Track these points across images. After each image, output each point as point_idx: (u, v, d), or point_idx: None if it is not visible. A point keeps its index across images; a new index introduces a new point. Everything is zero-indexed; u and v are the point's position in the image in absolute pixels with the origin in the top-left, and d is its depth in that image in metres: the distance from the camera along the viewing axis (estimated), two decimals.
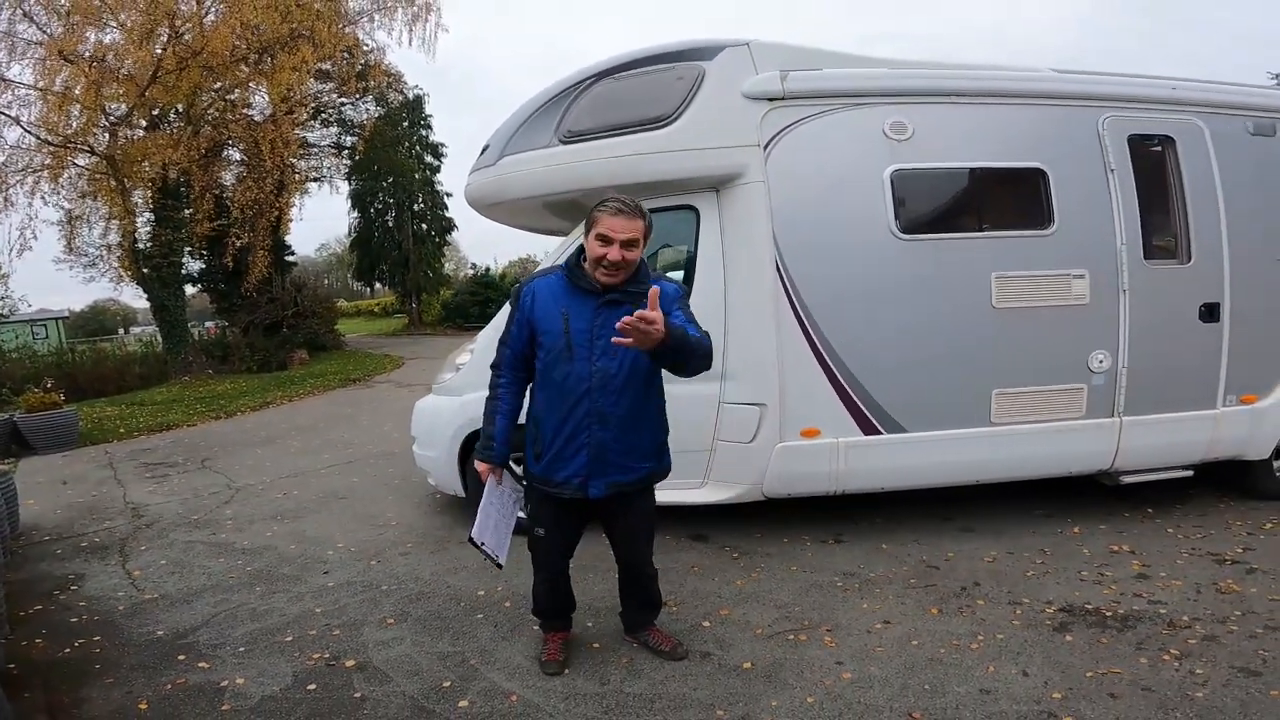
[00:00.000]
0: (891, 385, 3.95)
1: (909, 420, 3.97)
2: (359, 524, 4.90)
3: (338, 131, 20.93)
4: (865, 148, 3.89)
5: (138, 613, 3.62)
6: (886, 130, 3.89)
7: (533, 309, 2.51)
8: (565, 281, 2.50)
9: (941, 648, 2.91)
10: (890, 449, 3.99)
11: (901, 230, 3.89)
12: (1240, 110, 4.24)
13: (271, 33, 14.20)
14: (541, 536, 2.75)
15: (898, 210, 3.88)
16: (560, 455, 2.54)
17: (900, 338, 3.93)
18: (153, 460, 7.57)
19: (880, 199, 3.87)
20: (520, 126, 4.30)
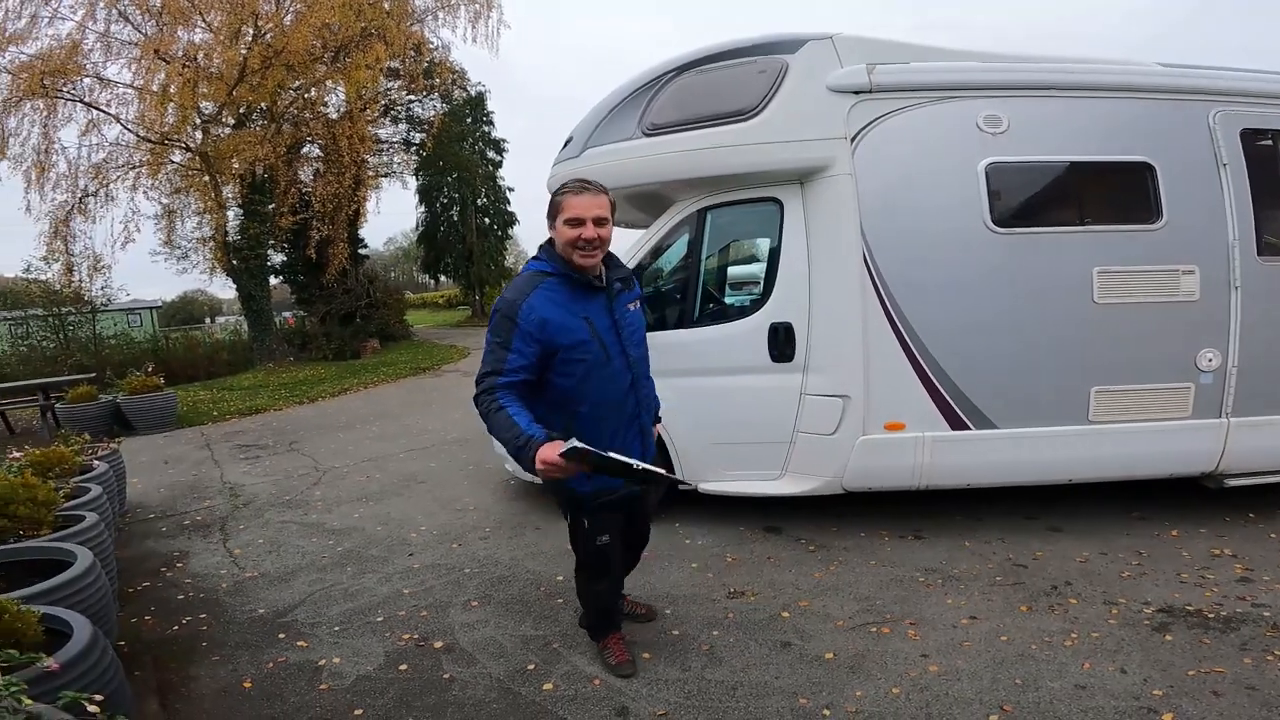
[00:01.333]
0: (982, 380, 3.80)
1: (1000, 416, 3.81)
2: (439, 507, 5.02)
3: (406, 128, 21.48)
4: (957, 141, 3.79)
5: (240, 591, 3.77)
6: (980, 123, 3.78)
7: (543, 327, 2.22)
8: (562, 284, 2.30)
9: (1033, 644, 2.81)
10: (978, 445, 3.83)
11: (996, 223, 3.75)
12: None
13: (345, 31, 14.63)
14: (607, 544, 2.58)
15: (992, 203, 3.75)
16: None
17: (993, 332, 3.77)
18: (245, 442, 7.94)
19: (974, 192, 3.75)
20: (604, 119, 4.32)
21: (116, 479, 4.96)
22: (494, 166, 29.86)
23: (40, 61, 13.15)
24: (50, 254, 14.34)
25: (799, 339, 3.93)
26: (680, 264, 4.37)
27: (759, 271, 4.33)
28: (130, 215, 15.05)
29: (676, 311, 4.31)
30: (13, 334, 14.50)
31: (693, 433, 4.17)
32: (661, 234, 4.24)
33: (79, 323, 14.65)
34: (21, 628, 2.01)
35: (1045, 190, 3.99)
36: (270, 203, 15.76)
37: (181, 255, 17.37)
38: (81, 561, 2.73)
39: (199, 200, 15.73)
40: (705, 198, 4.14)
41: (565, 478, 2.11)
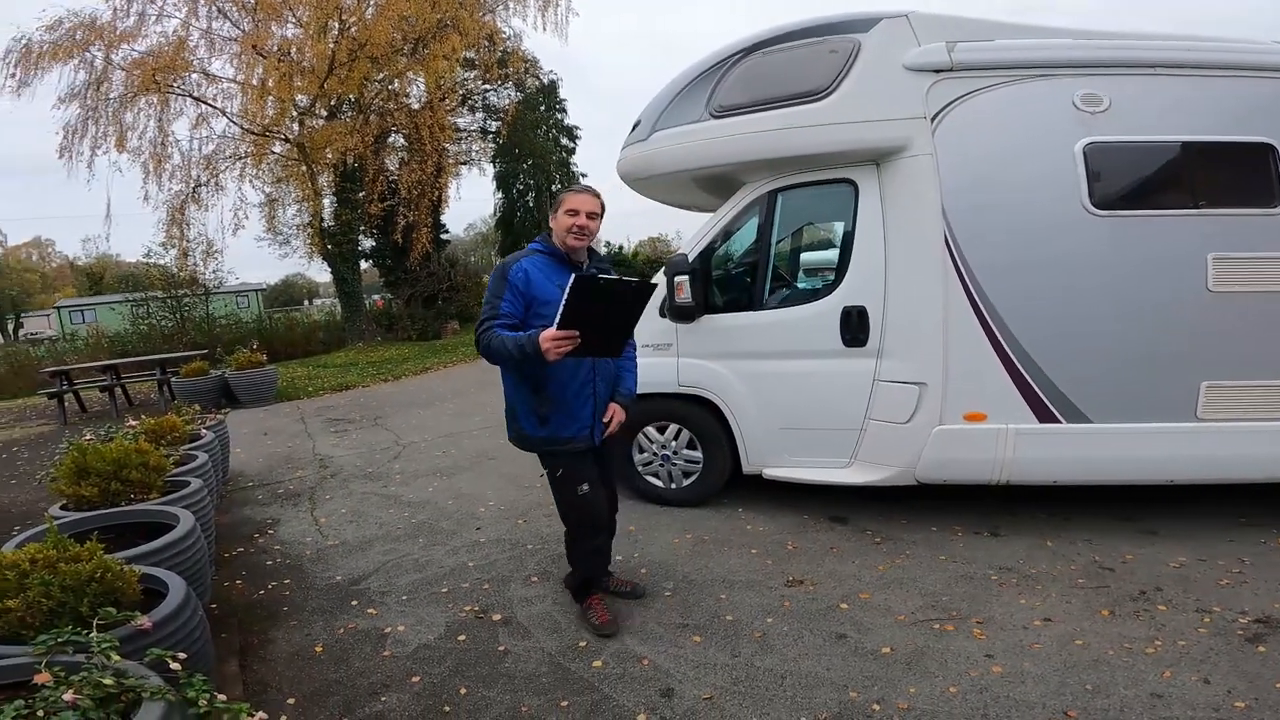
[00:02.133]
0: (1075, 371, 3.52)
1: (1095, 410, 3.53)
2: (507, 484, 5.14)
3: (483, 117, 21.97)
4: (1051, 120, 3.58)
5: (321, 558, 3.97)
6: (1077, 102, 3.56)
7: (528, 284, 2.66)
8: (548, 260, 2.76)
9: (1110, 649, 2.65)
10: (1069, 439, 3.56)
11: (1097, 205, 3.47)
12: None
13: (422, 23, 15.04)
14: (588, 493, 2.83)
15: (1092, 184, 3.49)
16: (569, 412, 2.76)
17: (1089, 319, 3.49)
18: (335, 416, 8.39)
19: (1071, 173, 3.51)
20: (671, 101, 4.26)
21: (221, 448, 5.32)
22: (567, 153, 30.11)
23: (151, 58, 14.19)
24: (168, 240, 15.61)
25: (873, 323, 3.77)
26: (749, 246, 4.26)
27: (831, 254, 4.18)
28: (239, 204, 16.18)
29: (745, 294, 4.23)
30: (134, 314, 15.85)
31: (758, 417, 4.08)
32: (730, 216, 4.16)
33: (193, 304, 15.84)
34: (121, 586, 2.14)
35: (1154, 172, 3.65)
36: (360, 190, 16.52)
37: (283, 241, 18.56)
38: (183, 525, 2.90)
39: (297, 189, 16.70)
40: (775, 179, 4.04)
41: (573, 349, 2.41)
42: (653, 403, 4.32)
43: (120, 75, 14.34)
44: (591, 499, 2.85)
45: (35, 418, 9.99)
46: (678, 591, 3.30)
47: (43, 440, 8.11)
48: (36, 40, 14.06)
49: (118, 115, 14.53)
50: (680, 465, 4.39)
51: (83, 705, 1.50)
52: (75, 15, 14.32)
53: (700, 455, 4.32)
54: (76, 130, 14.48)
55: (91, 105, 14.39)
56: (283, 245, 18.76)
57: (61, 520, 2.89)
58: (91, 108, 14.41)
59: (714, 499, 4.40)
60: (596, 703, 2.48)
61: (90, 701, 1.52)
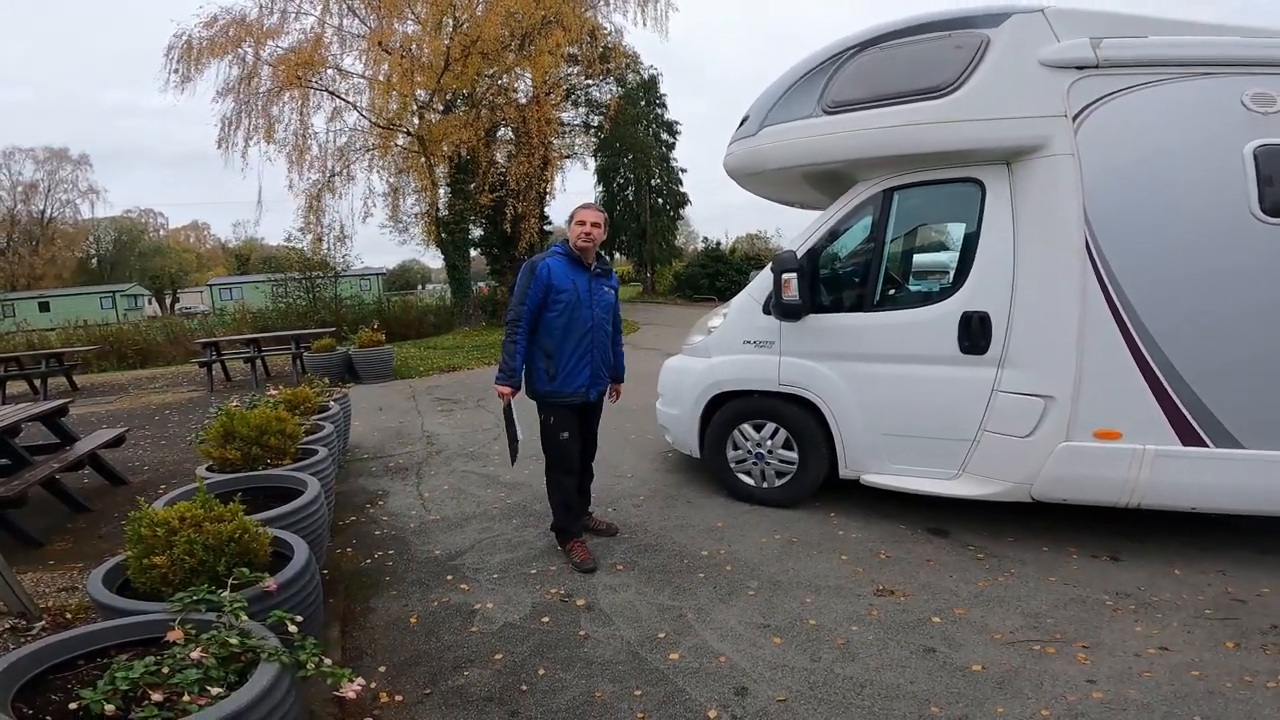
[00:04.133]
0: (1229, 391, 3.18)
1: (1249, 435, 3.16)
2: (599, 471, 5.05)
3: (585, 111, 22.36)
4: (1217, 121, 3.29)
5: (424, 531, 4.15)
6: (1247, 102, 3.25)
7: (549, 277, 3.47)
8: (566, 261, 3.55)
9: (1228, 681, 2.46)
10: (1215, 464, 3.21)
11: (1268, 212, 3.11)
12: None
13: (528, 19, 15.49)
14: (567, 439, 3.59)
15: (1264, 190, 3.12)
16: (572, 372, 3.52)
17: (1251, 336, 3.13)
18: (442, 396, 8.82)
19: (1238, 177, 3.17)
20: (781, 97, 4.14)
21: (344, 420, 5.67)
22: (667, 148, 30.13)
23: (293, 54, 15.41)
24: (306, 226, 17.00)
25: (995, 330, 3.54)
26: (861, 245, 4.10)
27: (948, 256, 3.98)
28: (367, 193, 17.41)
29: (855, 294, 4.09)
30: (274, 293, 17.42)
31: (861, 421, 3.94)
32: (841, 214, 4.05)
33: (324, 285, 17.21)
34: (256, 548, 2.29)
35: None
36: (472, 181, 17.28)
37: (402, 229, 19.70)
38: (310, 491, 3.07)
39: (416, 179, 17.66)
40: (892, 177, 3.90)
41: (503, 401, 3.58)
42: (751, 400, 4.26)
43: (267, 71, 15.65)
44: (569, 445, 3.60)
45: (186, 385, 11.18)
46: (761, 591, 3.25)
47: (191, 405, 9.05)
48: (196, 37, 15.55)
49: (266, 109, 15.94)
50: (774, 465, 4.30)
51: (207, 663, 1.59)
52: (228, 12, 15.73)
53: (796, 456, 4.22)
54: (232, 122, 16.01)
55: (244, 99, 15.85)
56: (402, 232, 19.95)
57: (208, 481, 3.11)
58: (244, 101, 15.87)
59: (806, 502, 4.29)
60: (669, 694, 2.48)
61: (214, 660, 1.60)
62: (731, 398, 4.36)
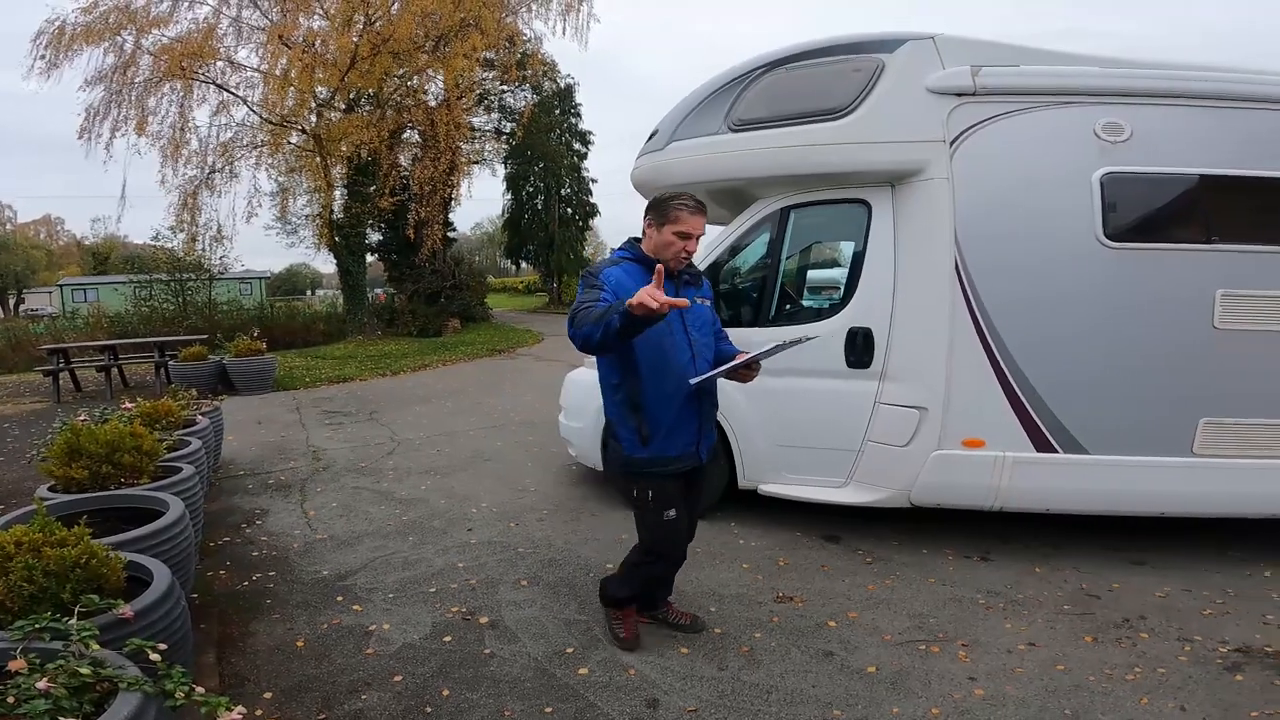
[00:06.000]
0: (1076, 402, 3.51)
1: (1092, 441, 3.52)
2: (501, 486, 5.10)
3: (498, 117, 22.10)
4: (1071, 148, 3.54)
5: (309, 552, 3.92)
6: (1098, 131, 3.52)
7: (617, 289, 2.41)
8: (638, 269, 2.54)
9: (1091, 675, 2.66)
10: (1066, 469, 3.55)
11: (1110, 237, 3.46)
12: None
13: (446, 21, 15.14)
14: (674, 519, 2.61)
15: (1107, 215, 3.46)
16: (674, 428, 2.55)
17: (1094, 352, 3.48)
18: (330, 409, 8.35)
19: (1086, 203, 3.48)
20: (690, 113, 4.24)
21: (215, 435, 5.26)
22: (579, 158, 30.25)
23: (180, 44, 14.25)
24: (178, 224, 15.62)
25: (878, 346, 3.76)
26: (759, 262, 4.26)
27: (840, 274, 4.19)
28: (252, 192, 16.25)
29: (751, 310, 4.20)
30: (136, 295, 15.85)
31: (757, 432, 4.07)
32: (741, 231, 4.15)
33: (197, 288, 15.85)
34: (106, 573, 2.09)
35: (1169, 204, 3.63)
36: (372, 184, 16.56)
37: (291, 230, 18.56)
38: (173, 512, 2.85)
39: (310, 180, 16.74)
40: (789, 196, 4.03)
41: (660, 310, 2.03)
42: None
43: (148, 60, 14.39)
44: (677, 525, 2.63)
45: (29, 395, 9.95)
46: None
47: (35, 418, 8.07)
48: (71, 22, 14.11)
49: (141, 100, 14.64)
50: None
51: (56, 694, 1.47)
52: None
53: None
54: (99, 113, 14.61)
55: (116, 89, 14.47)
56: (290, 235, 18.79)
57: (50, 502, 2.83)
58: (116, 91, 14.49)
59: (707, 513, 4.35)
60: (581, 710, 2.46)
61: (64, 690, 1.49)
62: None
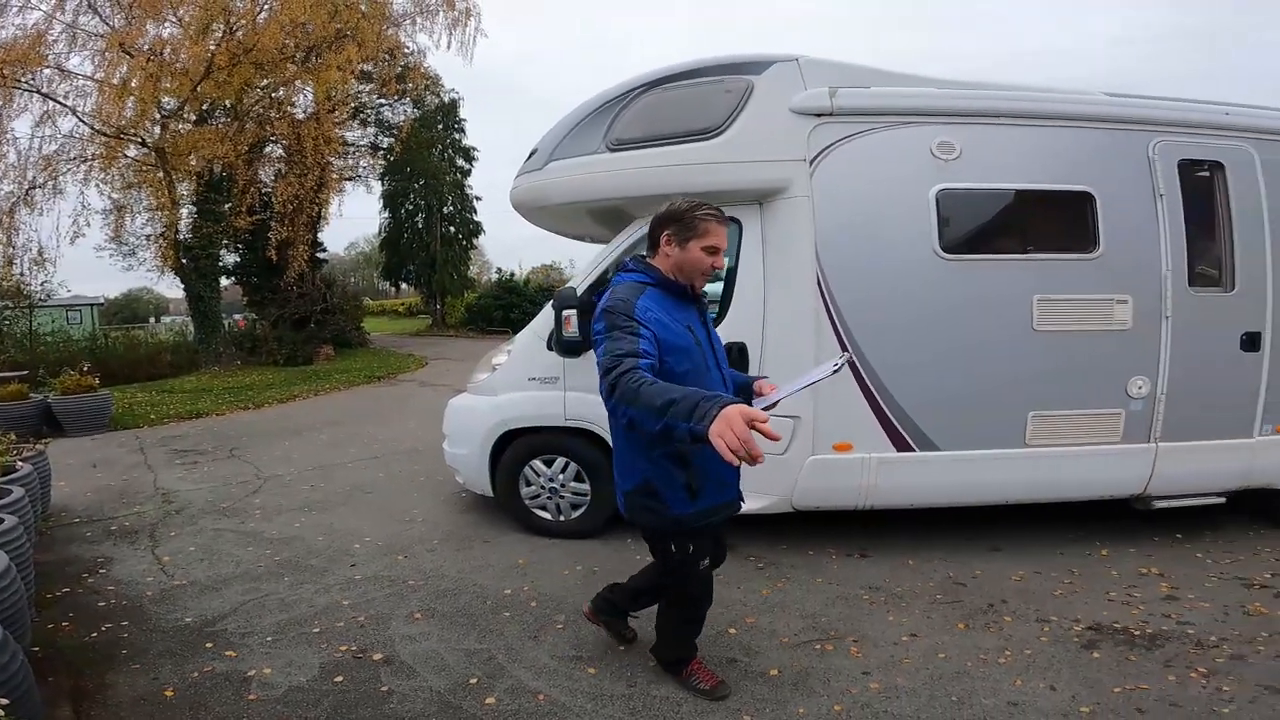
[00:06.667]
0: (926, 403, 3.88)
1: (943, 439, 3.90)
2: (385, 519, 4.90)
3: (375, 132, 21.22)
4: (912, 166, 3.85)
5: (166, 599, 3.63)
6: (934, 149, 3.84)
7: (658, 326, 2.14)
8: (665, 295, 2.27)
9: (969, 661, 2.88)
10: (922, 467, 3.92)
11: (945, 250, 3.84)
12: None
13: (320, 32, 14.41)
14: (709, 568, 2.54)
15: (942, 230, 3.84)
16: (721, 477, 2.34)
17: (939, 357, 3.86)
18: (183, 447, 7.64)
19: (925, 218, 3.83)
20: (569, 132, 4.30)
21: (40, 482, 4.75)
22: (462, 174, 29.62)
23: (2, 51, 12.58)
24: None
25: (752, 359, 3.97)
26: None
27: (715, 292, 4.34)
28: (80, 210, 14.44)
29: None
30: None
31: None
32: (621, 250, 4.20)
33: (14, 318, 13.93)
34: None
35: (992, 217, 4.11)
36: (227, 202, 15.30)
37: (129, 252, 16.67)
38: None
39: (151, 197, 15.17)
40: None
41: (745, 450, 1.64)
42: (539, 436, 4.31)
43: None
44: (709, 573, 2.56)
45: None
46: (570, 624, 3.28)
47: None
48: None
49: None
50: (569, 498, 4.40)
51: None
52: None
53: (588, 488, 4.35)
54: None
55: None
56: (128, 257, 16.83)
57: None
58: None
59: (604, 530, 4.41)
60: None
61: None
62: (520, 435, 4.37)
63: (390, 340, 23.74)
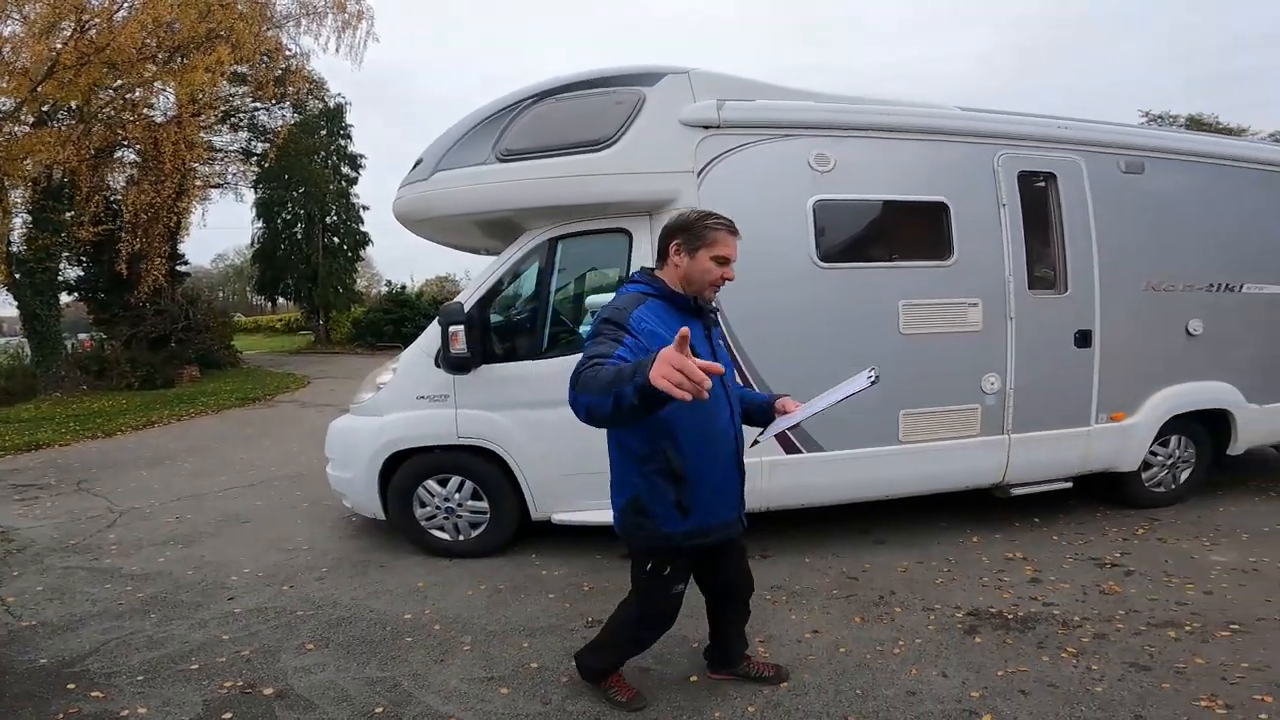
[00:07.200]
0: None
1: (827, 439, 4.13)
2: (266, 548, 4.60)
3: (248, 137, 19.80)
4: (792, 178, 4.01)
5: (16, 640, 3.31)
6: (812, 162, 4.03)
7: (652, 339, 2.04)
8: (666, 308, 2.20)
9: (867, 654, 3.02)
10: (811, 467, 4.12)
11: (821, 259, 4.04)
12: (1114, 149, 4.57)
13: (188, 32, 13.32)
14: (682, 593, 2.46)
15: (818, 240, 4.02)
16: (717, 493, 2.29)
17: (820, 362, 4.00)
18: (21, 482, 6.84)
19: (804, 228, 4.00)
20: (457, 142, 4.20)
21: None
22: (348, 183, 28.21)
23: None
24: None
25: None
26: (529, 294, 4.31)
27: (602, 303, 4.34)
28: None
29: (525, 342, 4.24)
30: None
31: (542, 465, 4.12)
32: (511, 262, 4.17)
33: None
34: None
35: (863, 227, 4.34)
36: (69, 210, 13.72)
37: None
38: None
39: None
40: (556, 227, 4.11)
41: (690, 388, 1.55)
42: (430, 456, 4.20)
43: None
44: (678, 598, 2.47)
45: None
46: (477, 644, 3.21)
47: None
48: None
49: None
50: (467, 517, 4.29)
51: None
52: None
53: (486, 506, 4.26)
54: None
55: None
56: None
57: None
58: None
59: (507, 547, 4.33)
60: None
61: None
62: (410, 455, 4.22)
63: (267, 359, 22.16)
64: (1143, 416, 4.62)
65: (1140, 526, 4.52)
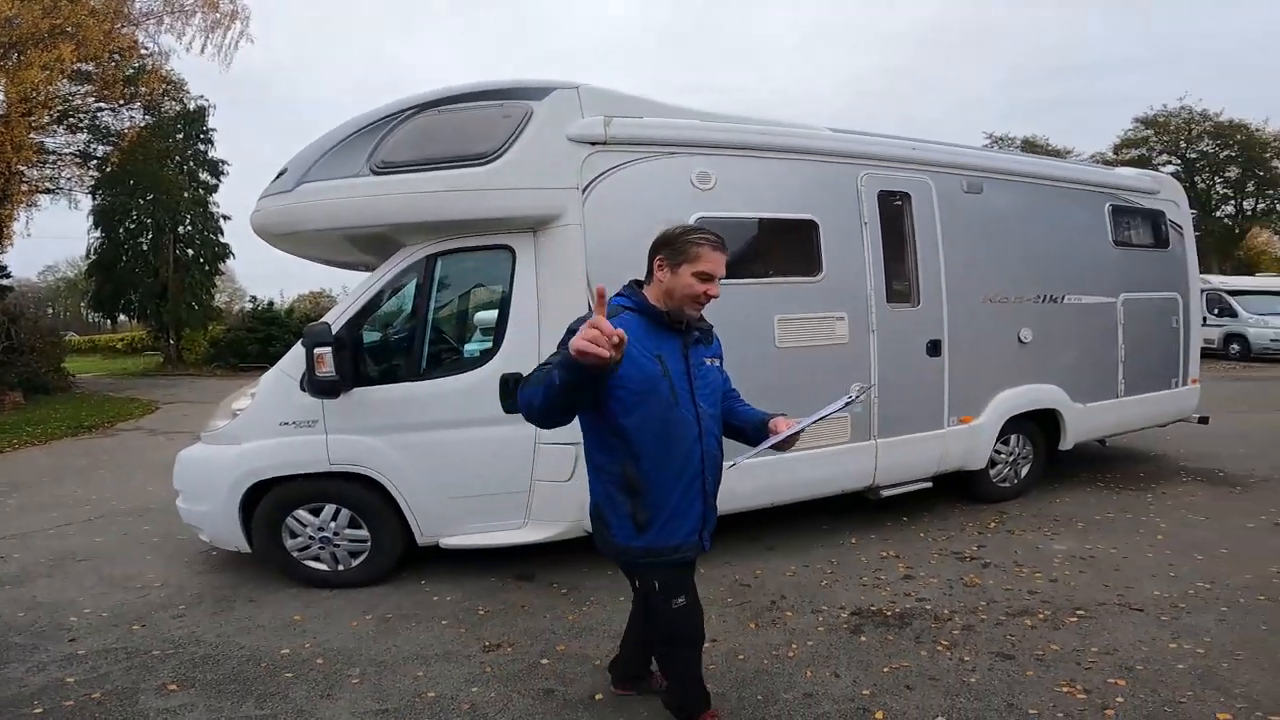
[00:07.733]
0: None
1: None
2: (110, 587, 4.22)
3: (88, 139, 17.77)
4: (675, 195, 4.07)
5: None
6: (694, 179, 4.13)
7: None
8: (645, 321, 2.18)
9: (764, 659, 3.10)
10: None
11: None
12: (958, 169, 5.01)
13: (28, 28, 11.84)
14: (685, 605, 2.33)
15: None
16: (676, 512, 2.22)
17: None
18: None
19: None
20: (326, 153, 4.00)
21: None
22: (207, 190, 25.83)
23: None
24: None
25: None
26: (406, 313, 4.18)
27: (490, 322, 4.19)
28: None
29: (400, 364, 4.12)
30: None
31: (425, 489, 3.99)
32: (386, 280, 4.01)
33: None
34: None
35: (741, 244, 4.35)
36: None
37: None
38: None
39: None
40: (435, 243, 4.01)
41: (603, 357, 1.66)
42: (300, 484, 3.98)
43: None
44: (687, 611, 2.35)
45: None
46: (367, 676, 3.08)
47: None
48: None
49: None
50: (345, 545, 4.09)
51: None
52: None
53: (366, 534, 4.08)
54: None
55: None
56: None
57: None
58: None
59: (393, 574, 4.17)
60: None
61: None
62: (275, 484, 3.99)
63: (106, 383, 19.90)
64: (986, 418, 5.15)
65: (992, 520, 5.02)
